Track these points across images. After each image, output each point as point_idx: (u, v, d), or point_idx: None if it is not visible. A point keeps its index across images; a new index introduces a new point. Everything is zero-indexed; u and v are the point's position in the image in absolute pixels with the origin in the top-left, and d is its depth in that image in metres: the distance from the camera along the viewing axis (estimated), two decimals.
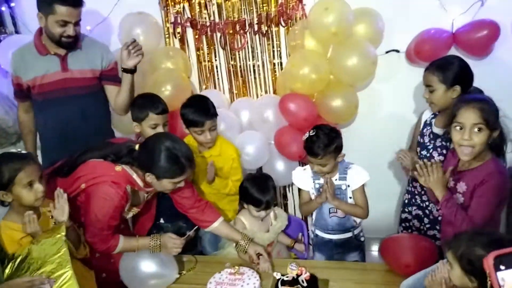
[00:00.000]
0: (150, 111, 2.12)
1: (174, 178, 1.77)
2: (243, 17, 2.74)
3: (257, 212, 2.06)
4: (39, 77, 2.26)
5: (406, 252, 1.79)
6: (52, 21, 2.14)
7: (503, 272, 0.75)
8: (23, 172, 1.61)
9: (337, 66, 2.45)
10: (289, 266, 1.80)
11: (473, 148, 1.55)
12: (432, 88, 1.99)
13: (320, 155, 1.91)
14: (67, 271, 1.47)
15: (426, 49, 2.42)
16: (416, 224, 2.26)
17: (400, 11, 2.53)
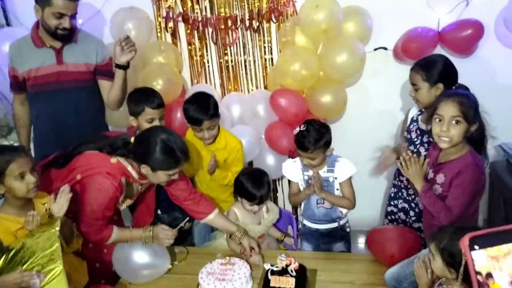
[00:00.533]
0: (146, 106, 2.12)
1: (169, 170, 1.81)
2: (235, 12, 2.77)
3: (250, 206, 2.11)
4: (34, 69, 2.27)
5: (391, 243, 1.86)
6: (48, 13, 2.15)
7: (477, 252, 0.83)
8: (13, 164, 1.62)
9: (327, 63, 2.50)
10: (278, 257, 1.85)
11: (451, 139, 1.62)
12: (417, 87, 2.06)
13: (310, 149, 1.95)
14: (57, 266, 1.48)
15: (412, 47, 2.47)
16: (402, 217, 2.32)
17: (388, 10, 2.59)
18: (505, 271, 0.84)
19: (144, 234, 1.91)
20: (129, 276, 1.89)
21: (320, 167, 2.07)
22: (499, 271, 0.84)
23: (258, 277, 1.84)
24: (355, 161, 2.78)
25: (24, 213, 1.68)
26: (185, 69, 2.97)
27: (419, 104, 2.14)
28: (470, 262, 0.83)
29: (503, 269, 0.84)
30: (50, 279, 1.45)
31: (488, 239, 0.85)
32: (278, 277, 1.76)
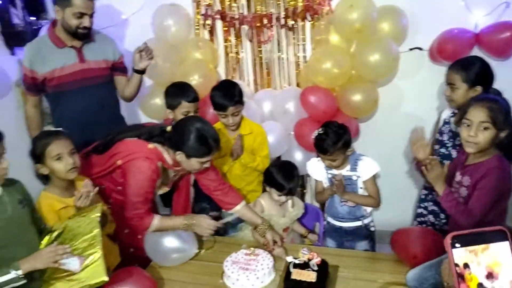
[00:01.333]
0: (182, 99, 2.21)
1: (202, 157, 1.91)
2: (271, 11, 2.82)
3: (278, 196, 2.15)
4: (58, 69, 2.37)
5: (415, 244, 1.85)
6: (69, 13, 2.27)
7: (457, 249, 0.90)
8: (52, 146, 1.77)
9: (359, 62, 2.51)
10: (301, 251, 1.88)
11: (477, 144, 1.61)
12: (455, 86, 2.02)
13: (329, 152, 1.98)
14: (96, 251, 1.54)
15: (448, 48, 2.44)
16: (431, 220, 2.30)
17: (425, 10, 2.56)
18: (483, 265, 0.91)
19: (187, 221, 1.99)
20: (159, 259, 1.98)
21: (343, 166, 2.10)
22: (476, 265, 0.90)
23: (280, 269, 1.88)
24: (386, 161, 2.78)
25: (67, 194, 1.84)
26: (220, 65, 3.05)
27: (452, 104, 2.11)
28: (450, 258, 0.90)
29: (481, 263, 0.91)
30: (90, 263, 1.52)
31: (469, 238, 0.91)
32: (300, 270, 1.79)
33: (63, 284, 1.49)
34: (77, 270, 1.49)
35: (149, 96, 2.87)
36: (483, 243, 0.91)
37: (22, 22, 3.07)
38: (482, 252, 0.91)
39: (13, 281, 1.41)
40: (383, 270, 1.88)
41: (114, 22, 2.92)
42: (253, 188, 2.48)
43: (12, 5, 3.05)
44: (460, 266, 0.89)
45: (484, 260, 0.91)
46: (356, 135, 2.80)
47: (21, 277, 1.42)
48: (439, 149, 2.23)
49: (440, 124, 2.29)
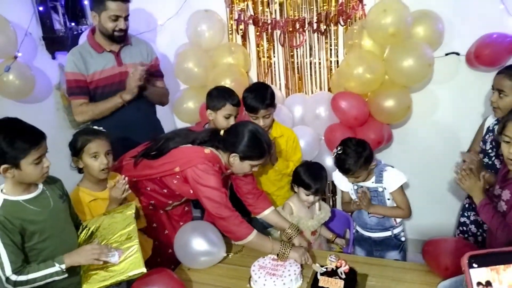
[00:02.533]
0: (227, 102, 2.24)
1: (255, 160, 1.96)
2: (303, 15, 2.82)
3: (306, 196, 2.16)
4: (98, 72, 2.47)
5: (446, 255, 1.80)
6: (105, 17, 2.37)
7: (475, 269, 0.88)
8: (91, 143, 1.87)
9: (393, 67, 2.47)
10: (328, 258, 1.87)
11: None
12: (504, 93, 1.94)
13: (351, 171, 1.95)
14: (134, 244, 1.63)
15: (486, 53, 2.36)
16: (473, 230, 2.23)
17: (462, 14, 2.50)
18: (505, 284, 0.88)
19: (283, 250, 1.91)
20: (188, 261, 2.01)
21: (368, 178, 2.06)
22: (498, 283, 0.88)
23: (308, 276, 1.87)
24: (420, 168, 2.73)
25: (98, 188, 1.96)
26: (252, 69, 3.08)
27: (497, 112, 2.02)
28: (468, 278, 0.88)
29: (503, 281, 0.88)
30: (128, 255, 1.60)
31: (487, 258, 0.89)
32: (327, 278, 1.78)
33: (105, 273, 1.57)
34: (116, 262, 1.58)
35: (182, 100, 2.92)
36: (503, 264, 0.89)
37: (63, 28, 3.21)
38: (504, 270, 0.88)
39: (56, 274, 1.51)
40: (414, 280, 1.84)
41: (150, 27, 3.00)
42: (283, 193, 2.49)
43: (54, 11, 3.18)
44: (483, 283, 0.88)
45: (506, 278, 0.89)
46: (389, 141, 2.76)
47: (63, 271, 1.52)
48: (482, 158, 2.14)
49: (483, 132, 2.20)
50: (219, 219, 1.91)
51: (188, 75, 2.79)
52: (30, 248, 1.54)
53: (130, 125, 2.50)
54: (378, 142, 2.56)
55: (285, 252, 1.91)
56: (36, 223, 1.53)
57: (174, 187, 2.03)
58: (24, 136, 1.48)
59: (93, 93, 2.51)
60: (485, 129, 2.19)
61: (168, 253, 2.15)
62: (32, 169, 1.50)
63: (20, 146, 1.46)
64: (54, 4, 3.16)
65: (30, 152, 1.48)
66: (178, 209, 2.31)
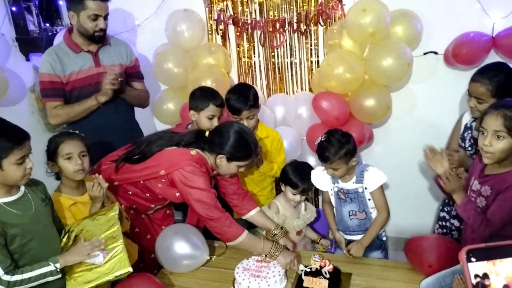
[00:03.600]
0: (211, 102, 2.22)
1: (243, 161, 1.95)
2: (283, 15, 2.81)
3: (292, 195, 2.17)
4: (74, 73, 2.40)
5: (429, 253, 1.82)
6: (84, 16, 2.31)
7: (473, 263, 0.88)
8: (64, 144, 1.83)
9: (372, 67, 2.48)
10: (312, 258, 1.87)
11: (493, 154, 1.56)
12: (482, 101, 1.95)
13: (330, 160, 1.92)
14: (119, 245, 1.62)
15: (464, 52, 2.40)
16: (456, 224, 2.23)
17: (440, 14, 2.53)
18: (501, 275, 0.90)
19: (273, 251, 1.91)
20: (169, 265, 1.98)
21: (349, 178, 2.04)
22: (495, 275, 0.89)
23: (292, 276, 1.88)
24: (400, 167, 2.76)
25: (77, 193, 1.92)
26: (233, 70, 3.06)
27: (476, 113, 2.03)
28: (466, 272, 0.89)
29: (499, 273, 0.90)
30: (113, 255, 1.59)
31: (484, 252, 0.90)
32: (312, 278, 1.78)
33: (90, 275, 1.56)
34: (101, 262, 1.58)
35: (162, 101, 2.88)
36: (499, 257, 0.90)
37: (37, 29, 3.12)
38: (500, 262, 0.90)
39: (50, 274, 1.51)
40: (397, 278, 1.86)
41: (128, 27, 2.94)
42: (266, 194, 2.49)
43: (27, 12, 3.10)
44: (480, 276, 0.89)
45: (502, 270, 0.90)
46: (370, 140, 2.77)
47: (58, 271, 1.52)
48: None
49: (461, 130, 2.22)
50: (210, 221, 1.88)
51: (168, 76, 2.75)
52: (12, 251, 1.50)
53: (107, 128, 2.44)
54: (360, 142, 2.57)
55: (274, 253, 1.90)
56: (17, 226, 1.50)
57: (158, 191, 1.99)
58: (6, 135, 1.45)
59: (70, 94, 2.44)
60: (462, 126, 2.21)
61: (150, 258, 2.11)
62: (14, 170, 1.47)
63: (3, 145, 1.44)
64: (27, 4, 3.07)
65: (13, 152, 1.45)
66: (159, 212, 2.27)
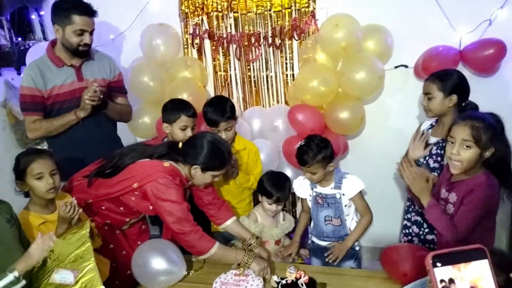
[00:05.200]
0: (182, 113, 2.23)
1: (217, 170, 1.94)
2: (258, 30, 2.86)
3: (268, 205, 2.19)
4: (56, 87, 2.36)
5: (405, 261, 1.85)
6: (69, 31, 2.28)
7: (439, 268, 0.91)
8: (34, 164, 1.78)
9: (346, 80, 2.54)
10: (288, 269, 1.88)
11: (461, 163, 1.62)
12: (431, 96, 2.09)
13: (308, 163, 2.00)
14: (90, 263, 1.59)
15: (433, 65, 2.46)
16: (416, 230, 2.30)
17: (410, 28, 2.61)
18: (466, 280, 0.92)
19: (247, 259, 1.90)
20: (146, 282, 1.94)
21: (327, 183, 2.11)
22: (460, 280, 0.91)
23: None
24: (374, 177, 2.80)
25: (46, 211, 1.87)
26: (209, 83, 3.07)
27: (429, 114, 2.16)
28: (432, 277, 0.91)
29: (464, 278, 0.92)
30: (84, 274, 1.56)
31: (449, 257, 0.92)
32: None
33: None
34: (72, 283, 1.55)
35: (138, 115, 2.86)
36: (464, 262, 0.92)
37: (8, 43, 3.06)
38: (465, 268, 0.92)
39: (12, 284, 1.45)
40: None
41: (102, 41, 2.92)
42: (244, 206, 2.50)
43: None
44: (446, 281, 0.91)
45: (467, 276, 0.92)
46: (345, 151, 2.82)
47: (19, 278, 1.46)
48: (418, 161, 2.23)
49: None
50: (181, 235, 1.87)
51: (143, 89, 2.74)
52: None
53: (87, 143, 2.41)
54: (335, 153, 2.60)
55: (247, 262, 1.90)
56: None
57: (132, 204, 1.96)
58: None
59: (51, 108, 2.40)
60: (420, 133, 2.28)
61: (126, 274, 2.06)
62: None
63: None
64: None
65: None
66: (135, 228, 2.24)
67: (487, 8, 2.46)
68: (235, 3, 2.83)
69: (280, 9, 2.77)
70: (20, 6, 3.07)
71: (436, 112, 2.12)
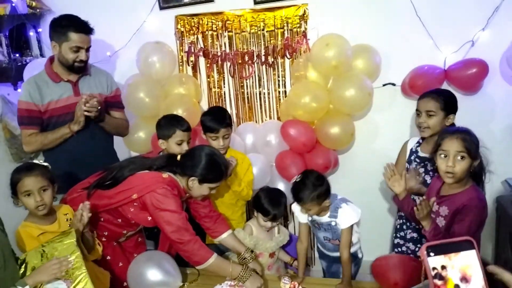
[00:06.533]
0: (177, 128, 2.27)
1: (214, 182, 1.99)
2: (252, 48, 2.95)
3: (264, 222, 2.21)
4: (53, 102, 2.41)
5: (395, 271, 1.90)
6: (66, 48, 2.35)
7: (432, 257, 1.03)
8: (22, 181, 1.81)
9: (336, 97, 2.62)
10: (282, 280, 1.93)
11: (456, 174, 1.70)
12: (433, 113, 2.13)
13: (303, 201, 1.99)
14: (82, 272, 1.61)
15: (419, 84, 2.57)
16: (412, 247, 2.34)
17: (397, 48, 2.72)
18: (456, 268, 1.03)
19: (242, 273, 1.93)
20: None
21: (323, 213, 2.09)
22: (451, 268, 1.03)
23: None
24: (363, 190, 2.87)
25: (45, 222, 1.89)
26: (203, 99, 3.14)
27: (426, 131, 2.17)
28: (426, 265, 1.02)
29: (455, 266, 1.03)
30: (78, 283, 1.58)
31: (441, 248, 1.04)
32: None
33: None
34: None
35: (133, 130, 2.90)
36: (454, 252, 1.03)
37: (6, 59, 3.11)
38: (455, 256, 1.04)
39: None
40: None
41: (98, 58, 2.98)
42: (237, 217, 2.54)
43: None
44: (438, 268, 1.02)
45: (457, 263, 1.03)
46: (335, 166, 2.88)
47: None
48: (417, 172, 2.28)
49: (406, 155, 2.37)
50: (180, 244, 1.89)
51: (139, 105, 2.79)
52: None
53: (83, 156, 2.45)
54: (326, 167, 2.67)
55: (244, 276, 1.93)
56: None
57: (130, 215, 1.99)
58: None
59: (48, 122, 2.44)
60: (408, 151, 2.36)
61: (122, 286, 2.08)
62: None
63: None
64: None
65: None
66: (131, 240, 2.27)
67: (470, 29, 2.58)
68: (229, 23, 2.93)
69: (273, 29, 2.87)
70: (19, 23, 3.12)
71: (435, 130, 2.14)
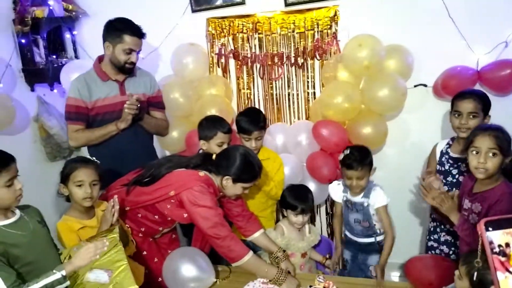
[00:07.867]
0: (219, 130, 2.32)
1: (247, 182, 2.02)
2: (282, 50, 2.97)
3: (295, 218, 2.25)
4: (100, 99, 2.51)
5: (429, 271, 1.90)
6: (119, 49, 2.43)
7: (491, 232, 1.01)
8: (78, 171, 1.90)
9: (369, 97, 2.62)
10: (316, 279, 1.94)
11: (487, 170, 1.70)
12: (476, 114, 2.14)
13: (358, 167, 2.13)
14: (123, 264, 1.65)
15: (452, 85, 2.55)
16: (446, 250, 2.32)
17: (429, 49, 2.70)
18: None
19: (279, 276, 1.95)
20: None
21: (359, 192, 2.22)
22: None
23: None
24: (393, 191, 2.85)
25: (85, 217, 1.97)
26: (233, 100, 3.17)
27: (466, 133, 2.13)
28: (485, 241, 1.00)
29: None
30: (118, 274, 1.62)
31: (500, 223, 1.02)
32: None
33: None
34: (107, 281, 1.60)
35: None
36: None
37: (43, 61, 3.22)
38: None
39: (58, 282, 1.52)
40: None
41: None
42: (267, 214, 2.56)
43: (34, 44, 3.20)
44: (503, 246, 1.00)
45: None
46: None
47: (65, 278, 1.53)
48: (445, 178, 2.29)
49: (436, 157, 2.38)
50: (217, 239, 1.92)
51: (173, 106, 2.85)
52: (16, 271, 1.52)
53: (125, 153, 2.52)
54: None
55: (280, 278, 1.94)
56: (19, 246, 1.53)
57: (167, 212, 2.03)
58: None
59: (94, 119, 2.53)
60: (438, 154, 2.37)
61: (157, 281, 2.13)
62: (5, 192, 1.53)
63: None
64: (35, 37, 3.18)
65: (1, 174, 1.51)
66: (165, 237, 2.31)
67: (503, 30, 2.55)
68: (260, 24, 2.97)
69: (303, 31, 2.90)
70: (56, 26, 3.22)
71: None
